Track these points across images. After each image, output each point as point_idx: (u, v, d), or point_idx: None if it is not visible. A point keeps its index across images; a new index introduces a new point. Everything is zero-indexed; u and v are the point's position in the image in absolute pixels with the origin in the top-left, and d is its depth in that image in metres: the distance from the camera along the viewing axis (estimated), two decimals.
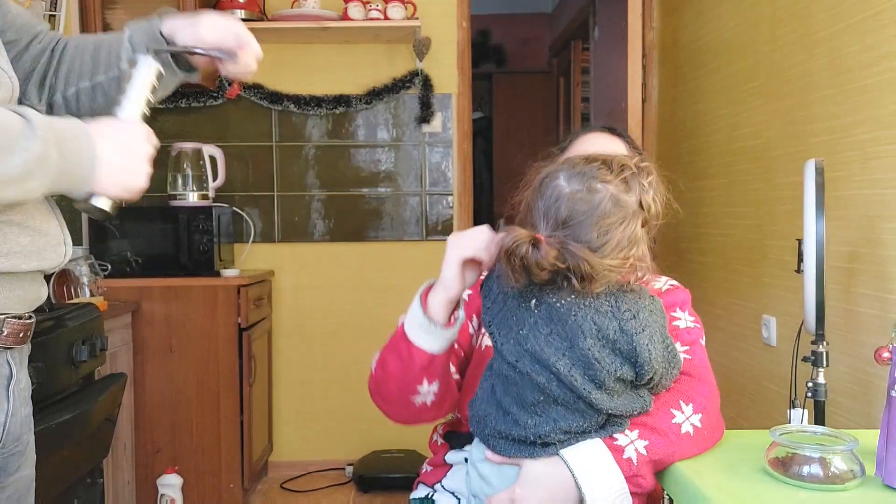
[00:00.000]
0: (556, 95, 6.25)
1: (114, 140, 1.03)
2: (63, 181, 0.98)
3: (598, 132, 1.47)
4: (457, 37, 3.56)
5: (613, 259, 1.06)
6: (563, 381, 1.07)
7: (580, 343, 1.06)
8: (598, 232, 1.07)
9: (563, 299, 1.08)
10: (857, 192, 1.86)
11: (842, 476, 1.05)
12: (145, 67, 1.15)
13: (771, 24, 2.31)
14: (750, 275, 2.48)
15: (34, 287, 1.10)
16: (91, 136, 1.00)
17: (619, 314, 1.08)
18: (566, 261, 1.04)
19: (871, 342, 1.78)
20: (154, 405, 2.94)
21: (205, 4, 3.27)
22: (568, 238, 1.06)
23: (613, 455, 1.11)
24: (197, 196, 3.21)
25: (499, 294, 1.14)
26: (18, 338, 1.07)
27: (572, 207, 1.07)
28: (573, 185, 1.09)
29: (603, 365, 1.07)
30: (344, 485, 3.41)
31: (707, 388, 1.24)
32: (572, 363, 1.07)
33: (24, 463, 1.14)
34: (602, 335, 1.07)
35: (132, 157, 1.05)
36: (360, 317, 3.60)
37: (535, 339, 1.08)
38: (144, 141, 1.07)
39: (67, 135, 0.98)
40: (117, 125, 1.07)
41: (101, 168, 1.01)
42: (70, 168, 0.98)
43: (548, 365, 1.07)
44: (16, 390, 1.09)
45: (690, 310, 1.36)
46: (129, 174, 1.04)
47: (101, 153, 1.01)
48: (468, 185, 3.63)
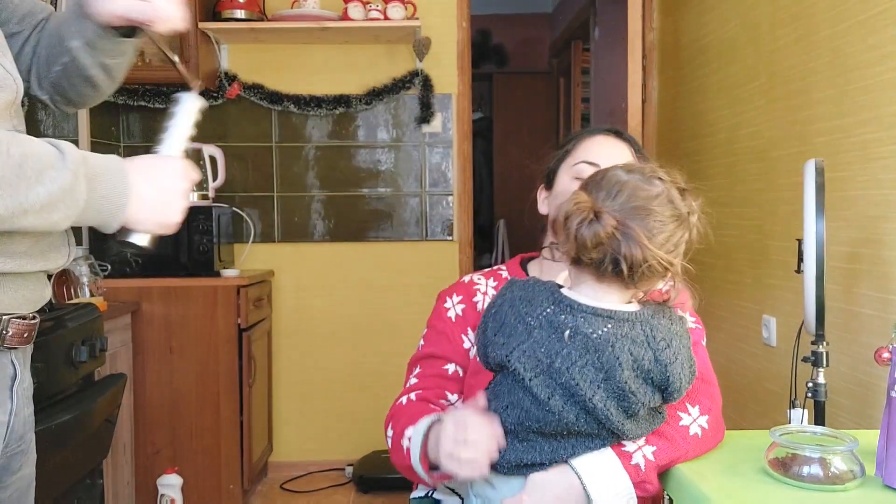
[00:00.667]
0: (557, 96, 6.25)
1: (150, 177, 1.05)
2: (91, 216, 0.99)
3: (603, 135, 1.43)
4: (457, 37, 3.56)
5: (664, 256, 1.06)
6: (597, 415, 1.05)
7: (617, 375, 1.04)
8: (653, 221, 1.06)
9: (600, 330, 1.05)
10: (858, 192, 1.85)
11: (842, 476, 1.05)
12: (189, 104, 1.19)
13: (771, 24, 2.31)
14: (750, 275, 2.48)
15: (38, 287, 1.10)
16: (126, 174, 1.02)
17: (654, 344, 1.07)
18: (619, 242, 1.03)
19: (872, 342, 1.78)
20: (154, 406, 2.94)
21: (205, 8, 3.27)
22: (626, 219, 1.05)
23: (622, 461, 1.10)
24: (197, 196, 3.21)
25: (517, 324, 1.08)
26: (23, 338, 1.07)
27: (632, 192, 1.07)
28: (633, 176, 1.09)
29: (638, 396, 1.05)
30: (344, 485, 3.41)
31: (711, 389, 1.24)
32: (608, 395, 1.05)
33: (25, 462, 1.15)
34: (638, 366, 1.05)
35: (167, 193, 1.07)
36: (360, 317, 3.60)
37: (570, 371, 1.04)
38: (181, 178, 1.10)
39: (101, 171, 0.99)
40: (155, 162, 1.09)
41: (133, 204, 1.02)
42: (99, 204, 0.99)
43: (582, 399, 1.04)
44: (19, 390, 1.09)
45: (692, 311, 1.36)
46: (164, 211, 1.07)
47: (136, 190, 1.02)
48: (468, 186, 3.63)
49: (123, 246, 1.09)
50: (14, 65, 1.08)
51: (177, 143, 1.17)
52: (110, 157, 1.03)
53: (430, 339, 1.41)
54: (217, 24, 3.28)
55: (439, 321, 1.41)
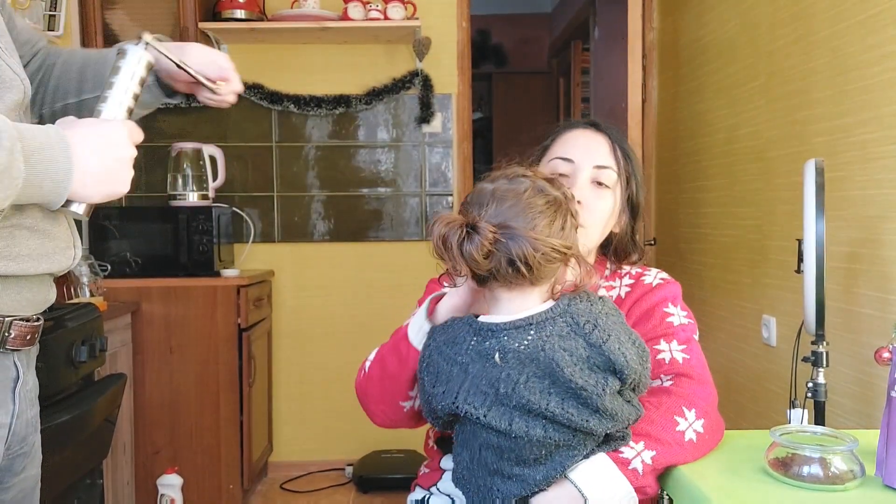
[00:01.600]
0: (556, 96, 6.25)
1: (94, 146, 0.98)
2: (33, 192, 0.93)
3: (580, 129, 1.40)
4: (457, 37, 3.56)
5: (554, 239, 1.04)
6: (560, 422, 1.03)
7: (560, 376, 1.02)
8: (530, 213, 1.05)
9: (525, 340, 1.04)
10: (858, 192, 1.86)
11: (842, 476, 1.05)
12: (134, 58, 1.09)
13: (771, 24, 2.31)
14: (750, 275, 2.48)
15: (42, 289, 1.09)
16: (68, 145, 0.95)
17: (580, 330, 1.05)
18: (505, 244, 1.02)
19: (871, 342, 1.78)
20: (154, 405, 2.94)
21: (205, 8, 3.27)
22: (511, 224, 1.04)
23: (619, 467, 1.10)
24: (197, 196, 3.21)
25: (451, 368, 1.07)
26: (25, 340, 1.07)
27: (500, 197, 1.06)
28: (497, 182, 1.10)
29: (591, 388, 1.03)
30: (344, 485, 3.41)
31: (706, 389, 1.23)
32: (562, 399, 1.03)
33: (29, 463, 1.14)
34: (575, 358, 1.03)
35: (113, 163, 1.00)
36: (360, 317, 3.60)
37: (517, 391, 1.02)
38: (127, 144, 1.02)
39: (39, 144, 0.93)
40: (98, 128, 1.01)
41: (78, 177, 0.96)
42: (40, 180, 0.93)
43: (541, 411, 1.02)
44: (22, 392, 1.08)
45: (682, 304, 1.34)
46: (110, 182, 1.00)
47: (79, 161, 0.96)
48: (468, 186, 3.63)
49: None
50: (21, 66, 1.08)
51: (121, 103, 1.07)
52: (49, 128, 0.96)
53: None
54: (217, 24, 3.27)
55: None
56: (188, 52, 1.17)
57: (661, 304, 1.32)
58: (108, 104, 1.06)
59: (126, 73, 1.08)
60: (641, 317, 1.31)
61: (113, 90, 1.07)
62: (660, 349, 1.27)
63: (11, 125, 0.90)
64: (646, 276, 1.38)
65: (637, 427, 1.13)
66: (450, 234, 1.03)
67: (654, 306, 1.32)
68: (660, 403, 1.18)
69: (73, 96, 1.20)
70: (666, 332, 1.29)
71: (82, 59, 1.22)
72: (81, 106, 1.21)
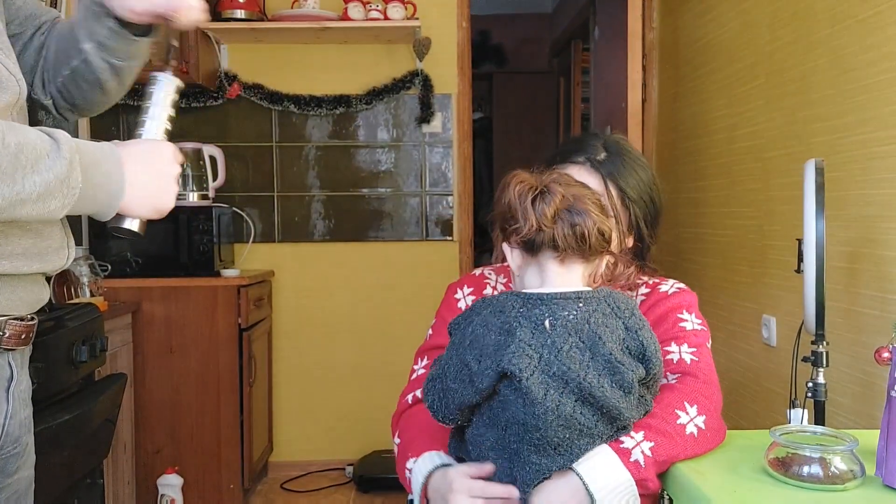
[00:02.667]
0: (557, 95, 6.25)
1: (143, 162, 1.04)
2: (87, 204, 0.99)
3: (575, 166, 1.35)
4: (457, 37, 3.56)
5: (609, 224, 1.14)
6: (594, 395, 1.05)
7: (601, 349, 1.07)
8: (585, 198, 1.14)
9: (574, 310, 1.08)
10: (858, 192, 1.86)
11: (842, 476, 1.05)
12: (165, 83, 1.16)
13: (771, 24, 2.31)
14: (750, 275, 2.48)
15: (36, 289, 1.09)
16: (121, 160, 1.01)
17: (620, 313, 1.11)
18: (571, 209, 1.09)
19: (872, 342, 1.78)
20: (154, 405, 2.94)
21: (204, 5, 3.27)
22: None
23: (621, 458, 1.11)
24: (197, 196, 3.21)
25: (498, 335, 1.08)
26: (20, 339, 1.06)
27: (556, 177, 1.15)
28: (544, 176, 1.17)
29: (626, 366, 1.08)
30: (344, 485, 3.41)
31: (711, 390, 1.24)
32: (598, 373, 1.07)
33: (22, 464, 1.13)
34: (615, 336, 1.09)
35: (161, 178, 1.06)
36: (360, 317, 3.60)
37: (559, 358, 1.06)
38: (172, 161, 1.09)
39: (96, 158, 0.98)
40: (145, 146, 1.08)
41: (129, 191, 1.02)
42: (95, 192, 0.98)
43: (578, 382, 1.05)
44: (16, 392, 1.08)
45: (697, 312, 1.35)
46: (159, 195, 1.06)
47: (130, 176, 1.02)
48: (468, 186, 3.63)
49: (116, 232, 1.08)
50: (17, 65, 1.08)
51: (159, 126, 1.14)
52: (104, 145, 1.02)
53: (439, 329, 1.40)
54: (217, 24, 3.28)
55: (449, 312, 1.40)
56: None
57: (676, 309, 1.33)
58: (147, 127, 1.14)
59: (160, 100, 1.15)
60: (655, 321, 1.32)
61: (149, 114, 1.15)
62: (670, 350, 1.28)
63: (72, 139, 0.95)
64: (662, 285, 1.39)
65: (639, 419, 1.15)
66: (525, 190, 1.11)
67: (668, 311, 1.33)
68: (662, 398, 1.19)
69: (66, 67, 1.20)
70: (677, 335, 1.30)
71: (69, 26, 1.22)
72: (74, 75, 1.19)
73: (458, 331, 1.15)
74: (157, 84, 1.16)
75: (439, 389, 1.14)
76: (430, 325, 1.47)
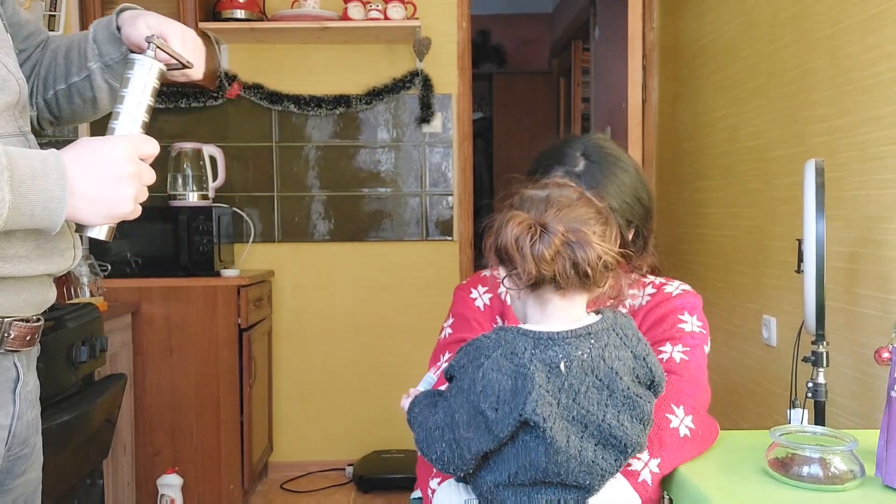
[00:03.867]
0: (557, 96, 6.25)
1: (90, 168, 0.96)
2: (23, 220, 0.92)
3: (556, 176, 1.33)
4: (457, 37, 3.56)
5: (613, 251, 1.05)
6: (615, 435, 1.03)
7: (618, 384, 1.03)
8: (588, 221, 1.05)
9: (587, 349, 1.04)
10: (858, 192, 1.86)
11: (842, 476, 1.05)
12: (144, 68, 1.05)
13: (771, 24, 2.31)
14: (750, 275, 2.48)
15: (41, 290, 1.08)
16: (64, 171, 0.93)
17: (628, 341, 1.06)
18: (571, 249, 1.02)
19: (872, 342, 1.78)
20: (154, 406, 2.94)
21: (205, 8, 3.27)
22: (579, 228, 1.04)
23: (630, 482, 1.11)
24: (197, 196, 3.21)
25: (516, 379, 1.01)
26: (25, 340, 1.06)
27: (559, 203, 1.07)
28: (549, 190, 1.10)
29: (644, 398, 1.05)
30: (344, 485, 3.41)
31: (695, 389, 1.23)
32: (618, 410, 1.03)
33: (30, 466, 1.13)
34: (627, 368, 1.05)
35: (110, 183, 0.97)
36: (360, 317, 3.60)
37: (577, 402, 1.02)
38: (125, 162, 0.98)
39: (32, 172, 0.91)
40: (93, 147, 0.98)
41: (73, 200, 0.94)
42: (30, 207, 0.91)
43: (598, 425, 1.02)
44: (22, 393, 1.07)
45: (699, 315, 1.35)
46: (109, 202, 0.97)
47: (73, 184, 0.94)
48: (468, 186, 3.63)
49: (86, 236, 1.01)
50: (17, 65, 1.08)
51: (134, 119, 1.03)
52: (46, 154, 0.94)
53: (459, 326, 1.38)
54: (217, 24, 3.28)
55: (467, 309, 1.38)
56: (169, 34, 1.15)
57: (678, 311, 1.33)
58: (121, 120, 1.03)
59: (137, 84, 1.04)
60: (656, 322, 1.32)
61: (124, 104, 1.04)
62: (663, 350, 1.28)
63: (3, 152, 0.89)
64: (668, 286, 1.38)
65: None
66: (523, 234, 1.03)
67: (669, 312, 1.33)
68: None
69: (63, 82, 1.21)
70: (674, 336, 1.30)
71: (67, 44, 1.22)
72: (70, 91, 1.21)
73: (464, 374, 1.06)
74: (136, 67, 1.05)
75: (450, 440, 1.06)
76: (431, 328, 1.46)
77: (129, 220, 1.03)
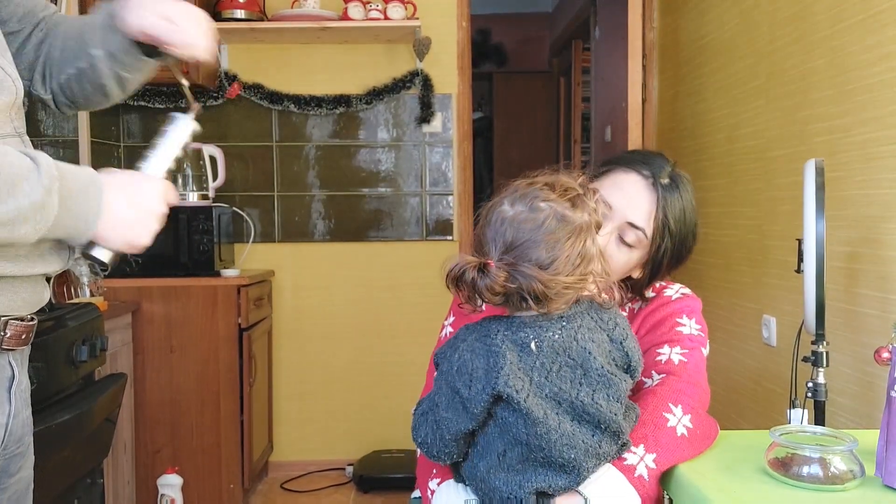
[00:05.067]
0: (557, 95, 6.25)
1: (127, 194, 1.02)
2: (59, 231, 0.97)
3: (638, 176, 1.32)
4: (457, 37, 3.56)
5: (568, 276, 1.05)
6: (589, 412, 1.05)
7: (593, 364, 1.06)
8: (545, 249, 1.05)
9: (558, 329, 1.06)
10: (858, 192, 1.86)
11: (842, 476, 1.05)
12: (183, 125, 1.16)
13: (771, 24, 2.31)
14: (750, 275, 2.48)
15: (37, 289, 1.09)
16: (102, 190, 0.99)
17: (604, 325, 1.10)
18: (517, 282, 1.04)
19: (872, 342, 1.78)
20: (154, 405, 2.94)
21: (205, 8, 3.27)
22: (518, 259, 1.05)
23: (626, 476, 1.11)
24: (197, 196, 3.21)
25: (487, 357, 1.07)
26: (21, 339, 1.07)
27: (517, 227, 1.06)
28: (516, 207, 1.09)
29: (618, 377, 1.07)
30: (344, 485, 3.41)
31: (694, 389, 1.24)
32: (593, 388, 1.05)
33: (24, 464, 1.14)
34: (602, 349, 1.08)
35: (142, 213, 1.04)
36: (360, 317, 3.60)
37: (549, 380, 1.05)
38: (159, 199, 1.06)
39: (76, 186, 0.96)
40: (135, 179, 1.05)
41: (105, 221, 0.99)
42: (70, 220, 0.96)
43: (571, 402, 1.05)
44: (17, 392, 1.08)
45: (698, 318, 1.35)
46: (135, 231, 1.03)
47: (110, 206, 1.00)
48: (468, 186, 3.63)
49: (84, 258, 1.06)
50: (14, 66, 1.08)
51: (162, 163, 1.13)
52: (88, 172, 1.00)
53: (460, 323, 1.36)
54: (217, 24, 3.26)
55: None
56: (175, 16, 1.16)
57: (676, 314, 1.33)
58: (149, 163, 1.13)
59: (172, 139, 1.15)
60: (654, 325, 1.33)
61: (157, 151, 1.14)
62: (661, 352, 1.28)
63: (54, 164, 0.93)
64: (668, 289, 1.39)
65: (633, 430, 1.14)
66: (465, 272, 1.05)
67: (668, 316, 1.33)
68: (647, 404, 1.19)
69: (71, 66, 1.21)
70: (672, 338, 1.30)
71: (78, 27, 1.22)
72: (80, 76, 1.21)
73: (444, 360, 1.13)
74: (174, 124, 1.16)
75: (432, 422, 1.11)
76: (431, 327, 1.45)
77: None
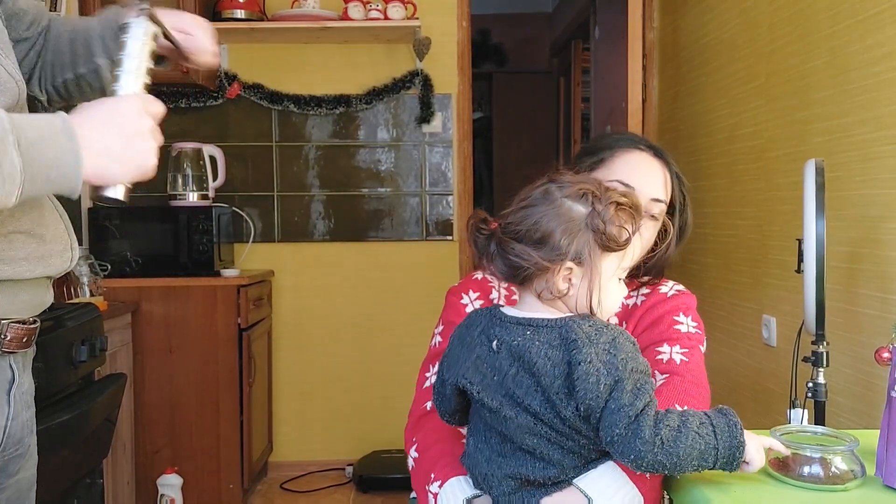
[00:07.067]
0: (557, 95, 6.25)
1: (103, 122, 0.95)
2: (41, 185, 0.90)
3: (643, 152, 1.38)
4: (457, 37, 3.56)
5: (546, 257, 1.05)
6: (543, 420, 1.03)
7: (543, 381, 1.03)
8: (540, 231, 1.05)
9: (519, 337, 1.06)
10: (858, 192, 1.86)
11: (842, 476, 1.05)
12: (140, 31, 1.07)
13: (771, 24, 2.31)
14: (750, 275, 2.48)
15: (39, 292, 1.08)
16: (73, 132, 0.91)
17: (567, 345, 1.02)
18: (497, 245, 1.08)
19: (872, 342, 1.78)
20: (154, 405, 2.94)
21: (205, 8, 3.27)
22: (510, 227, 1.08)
23: (627, 473, 1.10)
24: (197, 196, 3.21)
25: (462, 349, 1.14)
26: (21, 342, 1.06)
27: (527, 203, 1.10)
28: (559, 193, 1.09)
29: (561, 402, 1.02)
30: (344, 485, 3.41)
31: (698, 389, 1.24)
32: (546, 398, 1.03)
33: (24, 465, 1.13)
34: (550, 372, 1.02)
35: (129, 136, 0.96)
36: (360, 317, 3.60)
37: (505, 381, 1.06)
38: (140, 115, 0.97)
39: (38, 135, 0.89)
40: (104, 106, 0.97)
41: (92, 158, 0.92)
42: (47, 172, 0.89)
43: (525, 406, 1.04)
44: (17, 394, 1.08)
45: (694, 315, 1.35)
46: (132, 156, 0.96)
47: (91, 141, 0.92)
48: (468, 186, 3.63)
49: (102, 201, 0.99)
50: (17, 67, 1.08)
51: (133, 78, 1.04)
52: (53, 117, 0.92)
53: (448, 334, 1.36)
54: (217, 24, 3.27)
55: (458, 317, 1.35)
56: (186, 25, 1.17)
57: (673, 312, 1.33)
58: (122, 82, 1.04)
59: (134, 47, 1.06)
60: (651, 323, 1.32)
61: (124, 67, 1.05)
62: (661, 351, 1.28)
63: (6, 117, 0.87)
64: (662, 286, 1.39)
65: None
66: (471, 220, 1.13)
67: (664, 314, 1.33)
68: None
69: (70, 71, 1.21)
70: (671, 337, 1.30)
71: (70, 33, 1.22)
72: (80, 81, 1.21)
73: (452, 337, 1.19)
74: (131, 31, 1.07)
75: (438, 391, 1.20)
76: (430, 327, 1.45)
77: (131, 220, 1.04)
